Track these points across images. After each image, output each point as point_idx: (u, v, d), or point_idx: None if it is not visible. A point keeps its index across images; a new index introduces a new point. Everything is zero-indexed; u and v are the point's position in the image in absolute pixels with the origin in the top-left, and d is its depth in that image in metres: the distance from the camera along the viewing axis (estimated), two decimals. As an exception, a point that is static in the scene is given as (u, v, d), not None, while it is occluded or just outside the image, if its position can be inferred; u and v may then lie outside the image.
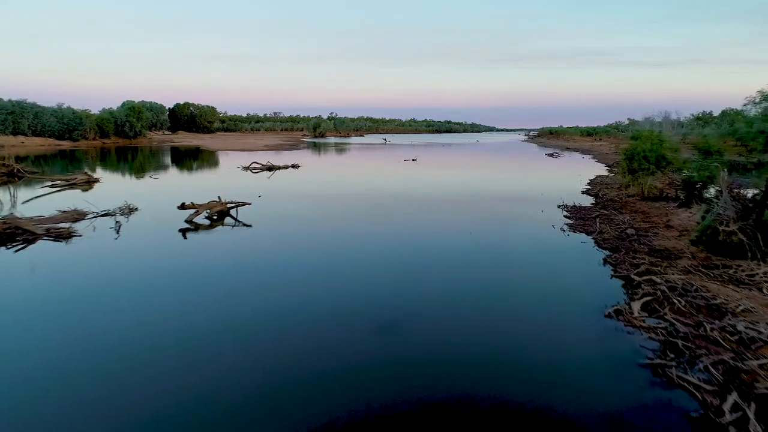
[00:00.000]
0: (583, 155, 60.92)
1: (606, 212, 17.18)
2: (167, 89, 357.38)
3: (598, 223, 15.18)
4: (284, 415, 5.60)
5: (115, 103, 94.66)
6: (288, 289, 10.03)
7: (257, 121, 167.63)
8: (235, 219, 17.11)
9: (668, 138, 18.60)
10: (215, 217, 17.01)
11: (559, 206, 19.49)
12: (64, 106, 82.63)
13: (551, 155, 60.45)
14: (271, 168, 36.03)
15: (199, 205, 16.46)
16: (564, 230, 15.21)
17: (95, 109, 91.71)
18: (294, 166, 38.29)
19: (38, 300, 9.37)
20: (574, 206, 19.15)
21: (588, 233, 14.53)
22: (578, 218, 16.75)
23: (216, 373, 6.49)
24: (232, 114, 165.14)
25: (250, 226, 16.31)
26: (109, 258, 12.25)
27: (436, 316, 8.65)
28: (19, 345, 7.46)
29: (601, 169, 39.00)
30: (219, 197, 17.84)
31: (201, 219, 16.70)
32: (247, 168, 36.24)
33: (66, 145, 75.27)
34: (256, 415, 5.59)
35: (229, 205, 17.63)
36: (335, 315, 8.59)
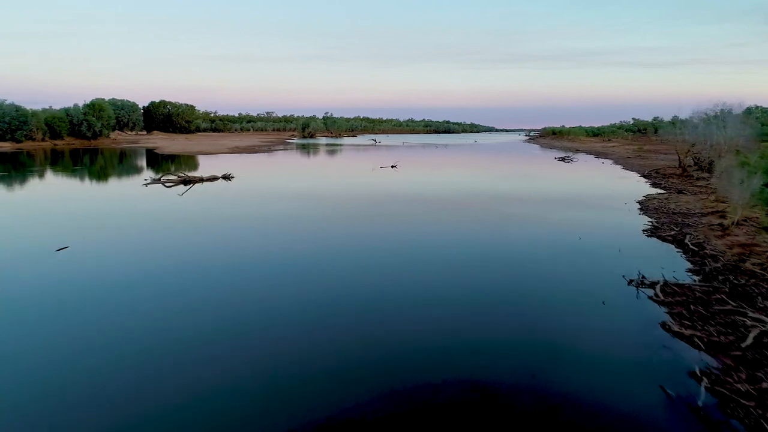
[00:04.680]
0: (600, 159, 51.11)
1: None
2: (166, 89, 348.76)
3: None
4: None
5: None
6: None
7: (249, 121, 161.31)
8: None
9: None
10: None
11: (631, 282, 9.59)
12: (7, 102, 72.60)
13: (562, 159, 50.49)
14: (187, 181, 26.11)
15: None
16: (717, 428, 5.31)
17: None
18: (226, 177, 28.38)
19: None
20: (666, 284, 9.20)
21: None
22: (711, 343, 6.83)
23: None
24: (224, 114, 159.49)
25: None
26: None
27: None
28: None
29: (637, 180, 29.18)
30: None
31: None
32: (157, 180, 26.36)
33: (7, 146, 65.42)
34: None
35: None
36: None
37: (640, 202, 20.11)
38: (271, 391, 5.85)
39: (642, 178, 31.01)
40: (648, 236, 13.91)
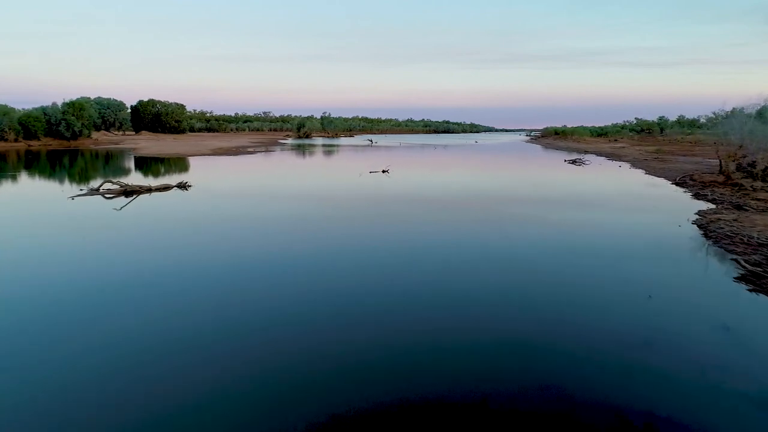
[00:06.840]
0: (614, 161, 46.63)
1: None
2: (165, 89, 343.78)
3: None
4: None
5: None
6: None
7: (245, 121, 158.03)
8: None
9: None
10: None
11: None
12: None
13: (573, 162, 45.85)
14: (129, 192, 21.43)
15: None
16: None
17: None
18: (181, 186, 23.72)
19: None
20: None
21: None
22: None
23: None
24: (220, 114, 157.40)
25: None
26: None
27: None
28: None
29: (673, 190, 24.65)
30: None
31: None
32: (95, 191, 21.69)
33: (-26, 148, 60.70)
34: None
35: None
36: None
37: (698, 224, 15.41)
38: (270, 391, 5.65)
39: (676, 186, 26.35)
40: (749, 290, 9.22)
